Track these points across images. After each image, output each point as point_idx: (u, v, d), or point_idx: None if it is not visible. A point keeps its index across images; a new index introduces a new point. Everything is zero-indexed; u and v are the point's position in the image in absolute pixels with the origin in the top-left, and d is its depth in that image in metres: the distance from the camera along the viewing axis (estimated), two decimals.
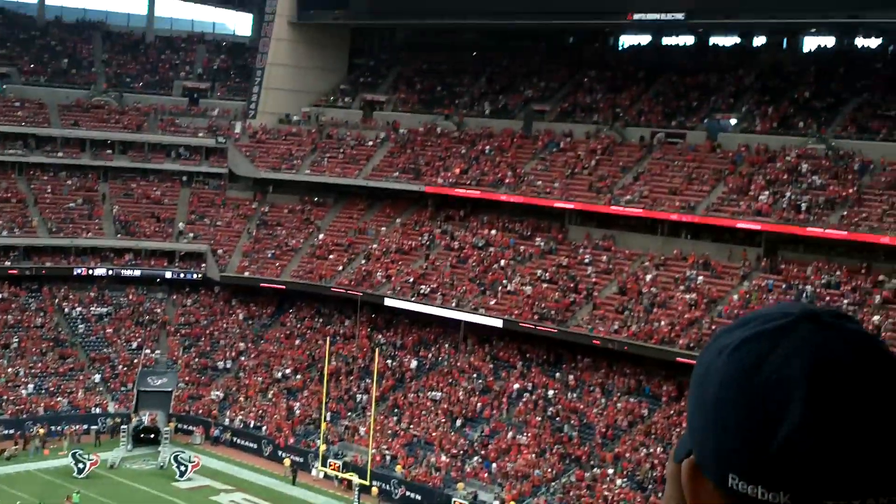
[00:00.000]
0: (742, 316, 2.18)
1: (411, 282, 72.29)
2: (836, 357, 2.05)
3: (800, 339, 2.07)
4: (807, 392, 2.02)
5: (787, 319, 2.09)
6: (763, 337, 2.10)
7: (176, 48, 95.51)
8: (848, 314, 2.09)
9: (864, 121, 66.13)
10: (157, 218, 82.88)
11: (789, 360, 2.05)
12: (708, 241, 66.19)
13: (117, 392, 72.68)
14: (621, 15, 71.34)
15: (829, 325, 2.09)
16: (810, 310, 2.12)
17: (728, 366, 2.12)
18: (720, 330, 2.23)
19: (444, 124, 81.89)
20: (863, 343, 2.08)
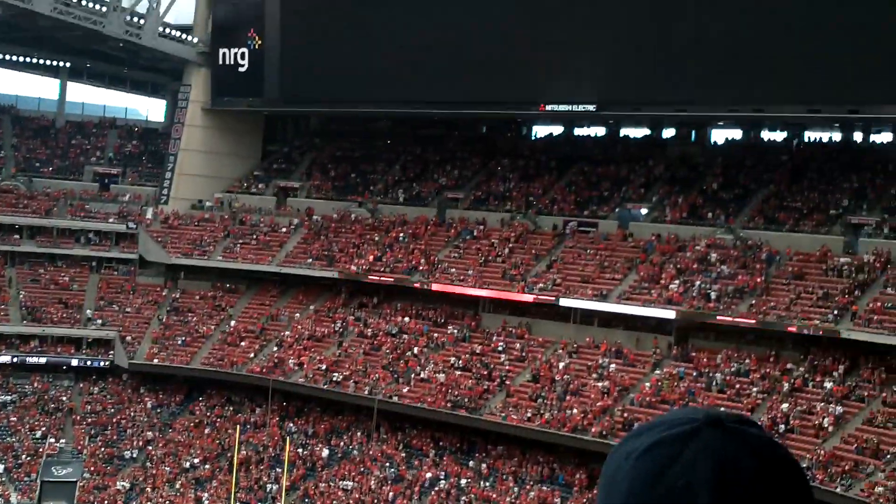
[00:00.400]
0: (649, 420, 2.24)
1: (324, 369, 71.88)
2: (738, 463, 2.11)
3: (703, 445, 2.12)
4: (710, 499, 2.06)
5: (692, 425, 2.16)
6: (668, 443, 2.16)
7: (87, 133, 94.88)
8: (751, 419, 2.16)
9: (770, 212, 67.32)
10: (65, 304, 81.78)
11: (693, 466, 2.10)
12: (620, 329, 66.70)
13: (20, 482, 71.00)
14: (534, 106, 72.10)
15: (732, 430, 2.14)
16: (714, 415, 2.17)
17: (635, 471, 2.17)
18: (629, 434, 2.28)
19: (358, 211, 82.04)
20: (765, 448, 2.14)
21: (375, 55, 76.15)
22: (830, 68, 58.18)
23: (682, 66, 63.95)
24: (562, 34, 67.90)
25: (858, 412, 55.24)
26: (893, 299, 57.27)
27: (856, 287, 59.14)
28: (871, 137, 69.08)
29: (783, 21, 59.87)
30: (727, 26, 61.84)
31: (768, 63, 60.66)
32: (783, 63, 60.07)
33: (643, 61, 65.62)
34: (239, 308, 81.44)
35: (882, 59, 56.65)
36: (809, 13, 58.75)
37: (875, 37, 56.63)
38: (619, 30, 66.07)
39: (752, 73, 61.35)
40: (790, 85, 60.22)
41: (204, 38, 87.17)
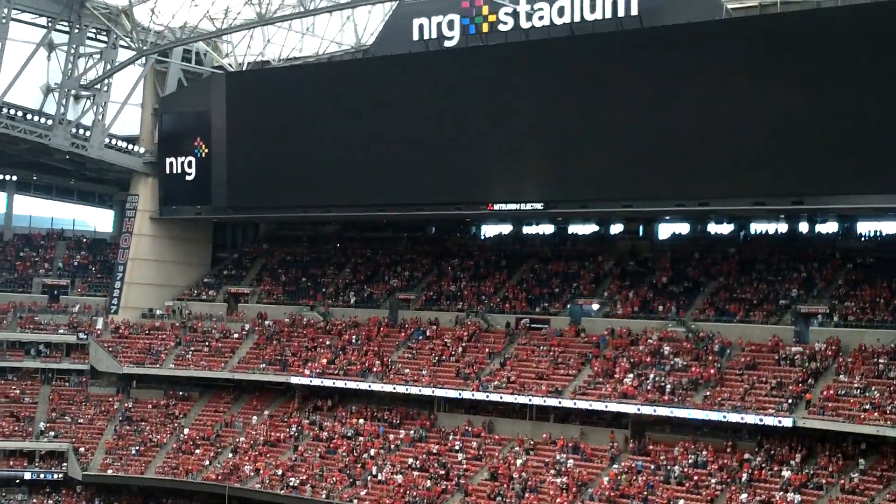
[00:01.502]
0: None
1: (280, 474, 71.49)
2: None
3: None
4: None
5: None
6: None
7: (35, 245, 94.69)
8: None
9: (721, 303, 68.16)
10: (17, 417, 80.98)
11: None
12: (576, 424, 67.01)
13: None
14: (482, 205, 72.73)
15: None
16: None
17: None
18: None
19: (310, 315, 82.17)
20: None
21: (321, 160, 76.74)
22: (774, 162, 59.40)
23: (627, 163, 64.87)
24: (506, 135, 68.77)
25: (817, 500, 55.50)
26: (846, 387, 57.98)
27: (809, 375, 59.89)
28: (816, 228, 70.20)
29: (725, 115, 61.06)
30: (669, 122, 62.93)
31: (712, 157, 61.76)
32: (727, 157, 61.18)
33: (588, 159, 66.50)
34: (192, 415, 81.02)
35: (824, 152, 57.84)
36: (750, 108, 59.97)
37: (817, 131, 57.87)
38: (563, 129, 67.03)
39: (696, 168, 62.45)
40: (734, 178, 61.24)
41: (150, 147, 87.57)
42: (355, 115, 74.76)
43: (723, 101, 61.12)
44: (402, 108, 73.04)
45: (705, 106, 61.87)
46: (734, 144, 60.73)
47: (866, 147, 56.18)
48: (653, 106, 63.49)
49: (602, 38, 65.32)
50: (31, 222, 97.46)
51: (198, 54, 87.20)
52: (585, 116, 66.32)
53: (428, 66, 72.21)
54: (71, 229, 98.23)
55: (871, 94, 55.76)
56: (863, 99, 56.00)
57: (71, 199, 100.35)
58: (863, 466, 55.85)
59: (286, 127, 78.34)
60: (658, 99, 63.26)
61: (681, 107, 62.63)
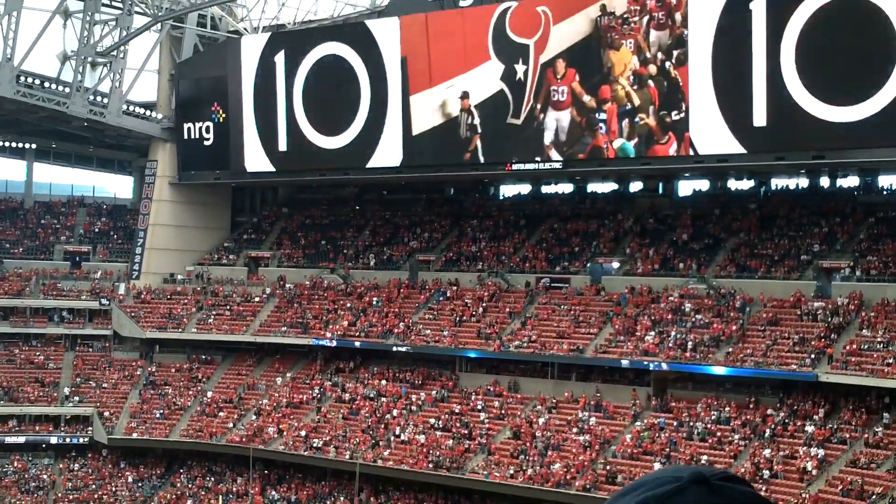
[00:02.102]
0: (635, 480, 2.32)
1: (304, 435, 71.87)
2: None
3: (691, 503, 2.18)
4: None
5: (678, 484, 2.21)
6: (655, 502, 2.21)
7: (56, 213, 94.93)
8: (737, 475, 2.25)
9: (741, 260, 68.08)
10: (42, 382, 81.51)
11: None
12: (598, 383, 67.13)
13: None
14: (500, 166, 72.67)
15: (719, 488, 2.20)
16: (700, 473, 2.22)
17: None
18: (614, 495, 2.37)
19: (330, 277, 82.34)
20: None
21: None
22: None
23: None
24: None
25: (841, 454, 55.70)
26: (869, 341, 57.95)
27: (831, 331, 59.84)
28: (837, 182, 69.98)
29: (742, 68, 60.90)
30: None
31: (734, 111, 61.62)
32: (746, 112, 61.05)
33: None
34: (215, 379, 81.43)
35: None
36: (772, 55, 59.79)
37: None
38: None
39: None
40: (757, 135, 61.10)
41: (168, 114, 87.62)
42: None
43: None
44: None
45: (730, 57, 61.62)
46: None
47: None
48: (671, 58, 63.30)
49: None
50: (51, 190, 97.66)
51: (213, 19, 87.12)
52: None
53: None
54: (91, 196, 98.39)
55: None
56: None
57: (90, 167, 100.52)
58: (887, 420, 55.92)
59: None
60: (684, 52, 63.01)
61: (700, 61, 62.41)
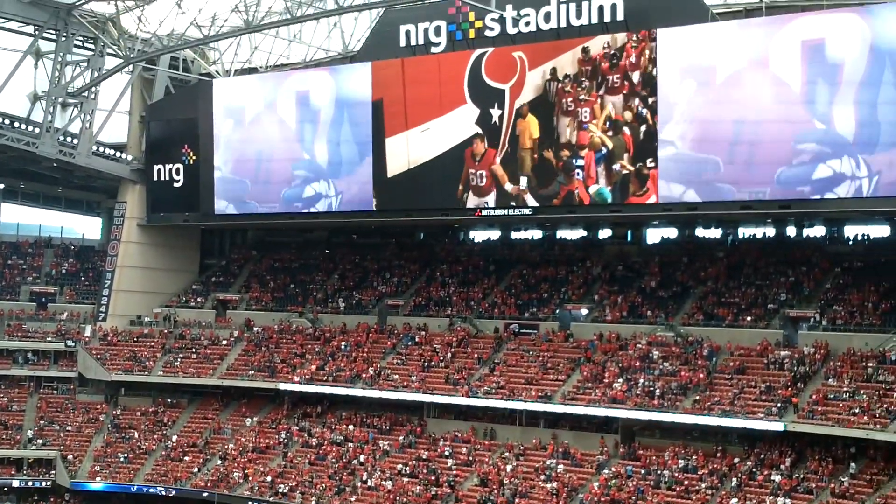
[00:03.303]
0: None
1: (270, 481, 71.41)
2: None
3: None
4: None
5: None
6: None
7: (23, 253, 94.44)
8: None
9: (709, 308, 68.27)
10: (5, 425, 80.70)
11: None
12: (566, 430, 67.04)
13: None
14: (469, 211, 72.68)
15: None
16: None
17: None
18: None
19: (299, 321, 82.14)
20: None
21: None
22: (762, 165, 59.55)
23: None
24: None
25: None
26: (835, 390, 58.07)
27: (797, 380, 59.98)
28: (804, 232, 70.45)
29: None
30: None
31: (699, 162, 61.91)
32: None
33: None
34: (181, 423, 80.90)
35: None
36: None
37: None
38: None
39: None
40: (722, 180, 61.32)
41: (138, 155, 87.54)
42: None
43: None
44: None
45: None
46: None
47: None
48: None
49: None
50: (18, 230, 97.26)
51: (185, 61, 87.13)
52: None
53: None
54: (59, 237, 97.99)
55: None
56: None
57: (59, 207, 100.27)
58: (853, 470, 55.93)
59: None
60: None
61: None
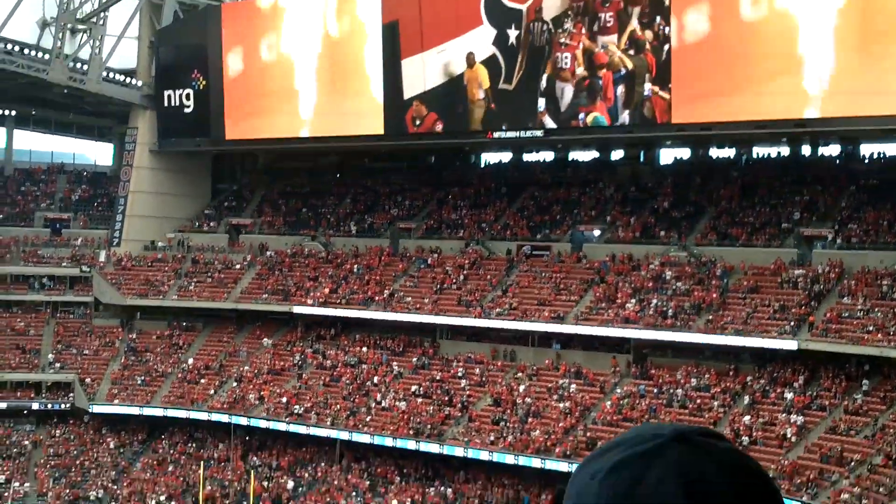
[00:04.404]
0: (614, 437, 2.26)
1: (285, 402, 71.93)
2: (707, 480, 2.11)
3: (672, 461, 2.12)
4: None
5: (658, 441, 2.15)
6: (635, 461, 2.14)
7: (36, 180, 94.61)
8: (717, 433, 2.20)
9: (722, 227, 68.25)
10: (23, 349, 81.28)
11: (662, 484, 2.09)
12: (579, 350, 67.26)
13: None
14: (481, 134, 72.54)
15: (700, 445, 2.16)
16: (680, 430, 2.19)
17: (602, 491, 2.14)
18: (592, 453, 2.28)
19: (312, 245, 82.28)
20: (733, 462, 2.16)
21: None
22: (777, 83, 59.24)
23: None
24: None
25: (820, 421, 56.00)
26: (849, 308, 58.17)
27: (811, 298, 60.04)
28: (818, 150, 70.19)
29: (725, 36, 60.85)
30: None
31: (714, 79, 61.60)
32: (729, 79, 61.01)
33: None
34: (196, 346, 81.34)
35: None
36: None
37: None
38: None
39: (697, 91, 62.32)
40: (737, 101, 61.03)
41: (148, 80, 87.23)
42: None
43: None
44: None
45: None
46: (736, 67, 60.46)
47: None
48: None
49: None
50: (31, 157, 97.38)
51: None
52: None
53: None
54: (71, 163, 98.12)
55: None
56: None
57: (70, 133, 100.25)
58: (866, 388, 56.22)
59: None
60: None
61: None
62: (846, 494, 50.60)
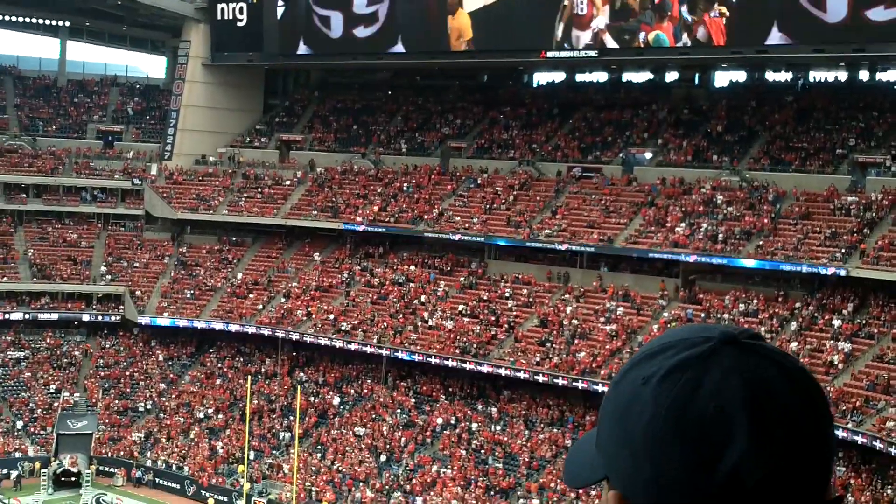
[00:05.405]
0: (655, 340, 2.19)
1: (332, 319, 72.23)
2: (767, 381, 2.08)
3: (728, 364, 2.09)
4: (748, 419, 2.04)
5: (709, 345, 2.11)
6: (689, 365, 2.10)
7: (89, 91, 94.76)
8: (758, 333, 2.15)
9: (776, 153, 67.51)
10: (74, 261, 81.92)
11: (722, 388, 2.06)
12: (626, 273, 67.02)
13: (37, 436, 71.57)
14: (534, 53, 71.95)
15: (749, 347, 2.12)
16: (728, 333, 2.13)
17: (658, 398, 2.10)
18: (637, 356, 2.19)
19: (361, 162, 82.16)
20: (786, 363, 2.12)
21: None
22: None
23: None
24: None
25: (868, 349, 55.65)
26: None
27: (864, 226, 59.40)
28: (876, 76, 69.06)
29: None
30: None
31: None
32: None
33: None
34: (245, 261, 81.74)
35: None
36: None
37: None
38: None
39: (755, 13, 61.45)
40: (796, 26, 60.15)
41: None
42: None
43: None
44: None
45: None
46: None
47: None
48: None
49: None
50: (84, 68, 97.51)
51: None
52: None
53: None
54: (124, 75, 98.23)
55: None
56: None
57: (123, 46, 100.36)
58: None
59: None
60: None
61: None
62: (891, 422, 50.40)
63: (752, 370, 2.08)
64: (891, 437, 49.59)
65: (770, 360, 2.11)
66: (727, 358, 2.09)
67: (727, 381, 2.06)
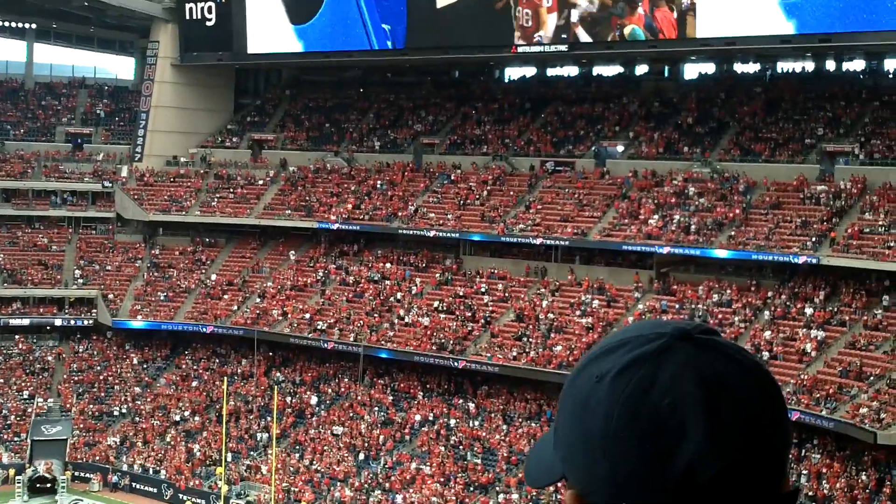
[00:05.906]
0: (610, 336, 2.21)
1: (308, 318, 72.20)
2: (721, 376, 2.10)
3: (681, 360, 2.10)
4: (702, 414, 2.05)
5: (662, 341, 2.12)
6: (643, 361, 2.10)
7: (57, 94, 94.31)
8: (712, 327, 2.17)
9: (746, 143, 67.86)
10: (45, 265, 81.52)
11: (676, 383, 2.07)
12: (601, 266, 67.26)
13: (10, 442, 71.26)
14: (505, 48, 72.01)
15: (703, 342, 2.13)
16: (682, 328, 2.15)
17: (613, 394, 2.11)
18: (590, 354, 2.21)
19: (334, 161, 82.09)
20: (739, 357, 2.14)
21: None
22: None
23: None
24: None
25: (840, 336, 56.06)
26: (871, 224, 57.92)
27: (833, 214, 59.78)
28: (843, 66, 69.49)
29: None
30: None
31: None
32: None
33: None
34: (219, 262, 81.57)
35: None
36: None
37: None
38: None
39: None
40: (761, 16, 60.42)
41: None
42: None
43: None
44: None
45: None
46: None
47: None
48: None
49: None
50: (51, 70, 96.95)
51: None
52: None
53: None
54: (93, 77, 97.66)
55: None
56: None
57: (91, 47, 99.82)
58: (886, 303, 56.14)
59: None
60: None
61: None
62: (865, 409, 50.68)
63: (705, 365, 2.10)
64: (864, 423, 49.89)
65: (724, 355, 2.13)
66: (681, 353, 2.10)
67: (681, 377, 2.08)
